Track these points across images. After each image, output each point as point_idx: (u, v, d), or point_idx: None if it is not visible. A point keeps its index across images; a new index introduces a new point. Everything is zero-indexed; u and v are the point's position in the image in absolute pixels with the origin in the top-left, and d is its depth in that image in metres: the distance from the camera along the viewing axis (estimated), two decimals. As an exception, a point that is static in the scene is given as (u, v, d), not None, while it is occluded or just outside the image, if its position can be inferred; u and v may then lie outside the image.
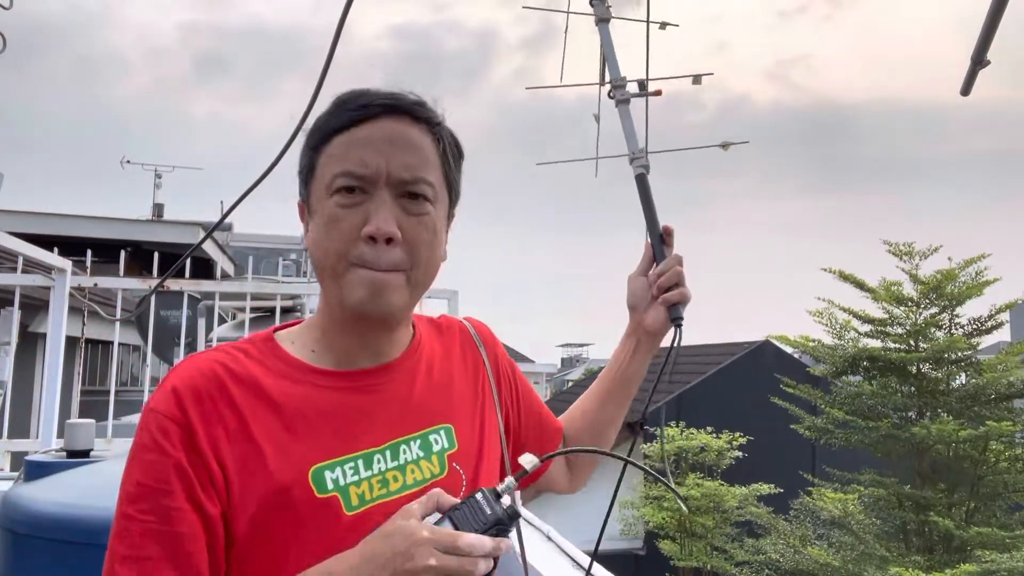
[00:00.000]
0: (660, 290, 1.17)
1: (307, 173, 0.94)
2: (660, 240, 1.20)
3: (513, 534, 0.87)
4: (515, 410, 1.14)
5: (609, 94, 1.42)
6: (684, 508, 10.41)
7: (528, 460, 0.86)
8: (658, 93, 1.44)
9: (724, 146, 1.59)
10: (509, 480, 0.85)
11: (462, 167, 1.00)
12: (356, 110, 0.91)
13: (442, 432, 0.98)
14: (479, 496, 0.82)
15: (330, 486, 0.87)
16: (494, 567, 0.81)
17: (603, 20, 1.52)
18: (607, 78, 1.46)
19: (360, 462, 0.90)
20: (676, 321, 1.14)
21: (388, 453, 0.92)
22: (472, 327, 1.13)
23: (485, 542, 0.78)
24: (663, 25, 1.60)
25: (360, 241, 0.88)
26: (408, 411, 0.96)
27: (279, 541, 0.85)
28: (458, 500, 0.83)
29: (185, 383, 0.87)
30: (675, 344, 1.15)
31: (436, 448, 0.96)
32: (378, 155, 0.89)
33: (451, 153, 0.96)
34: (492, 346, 1.13)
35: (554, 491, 1.26)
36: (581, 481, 1.28)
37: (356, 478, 0.89)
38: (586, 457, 1.25)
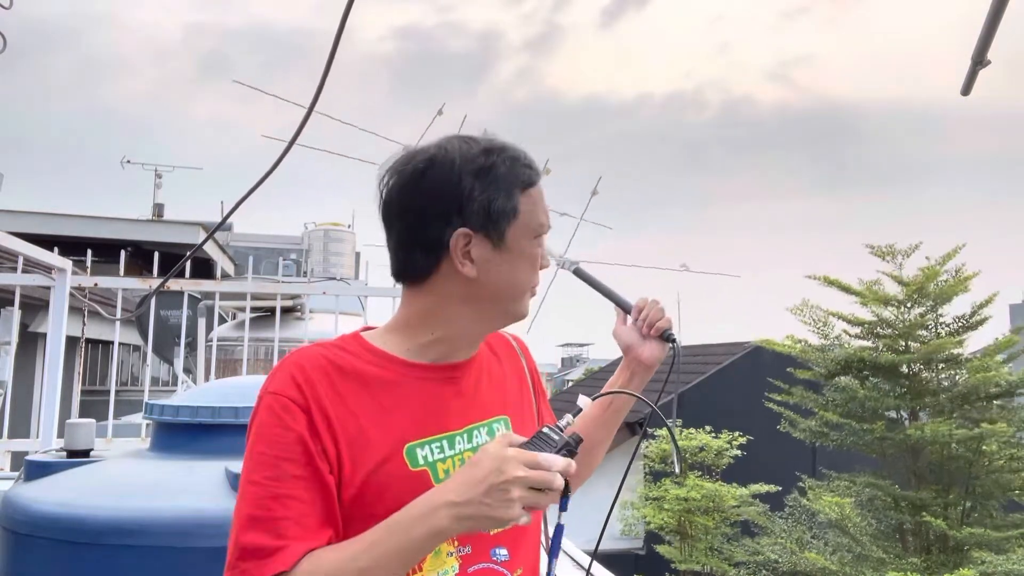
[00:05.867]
0: (649, 325, 1.33)
1: (511, 214, 1.06)
2: (622, 303, 1.37)
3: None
4: (538, 413, 1.29)
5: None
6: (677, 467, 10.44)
7: (583, 401, 1.01)
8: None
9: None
10: (568, 417, 0.97)
11: None
12: (535, 170, 1.09)
13: (502, 422, 1.14)
14: (545, 429, 0.95)
15: (421, 462, 1.01)
16: (566, 487, 0.93)
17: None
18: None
19: (445, 442, 1.04)
20: (672, 340, 1.31)
21: (465, 436, 1.07)
22: (514, 340, 1.30)
23: (558, 459, 0.90)
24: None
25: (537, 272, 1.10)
26: (476, 402, 1.11)
27: (379, 507, 0.95)
28: (526, 439, 0.95)
29: (300, 370, 0.99)
30: (676, 358, 1.31)
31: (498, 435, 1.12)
32: None
33: None
34: (529, 358, 1.31)
35: None
36: (574, 488, 1.37)
37: (442, 456, 1.03)
38: (581, 465, 1.37)
